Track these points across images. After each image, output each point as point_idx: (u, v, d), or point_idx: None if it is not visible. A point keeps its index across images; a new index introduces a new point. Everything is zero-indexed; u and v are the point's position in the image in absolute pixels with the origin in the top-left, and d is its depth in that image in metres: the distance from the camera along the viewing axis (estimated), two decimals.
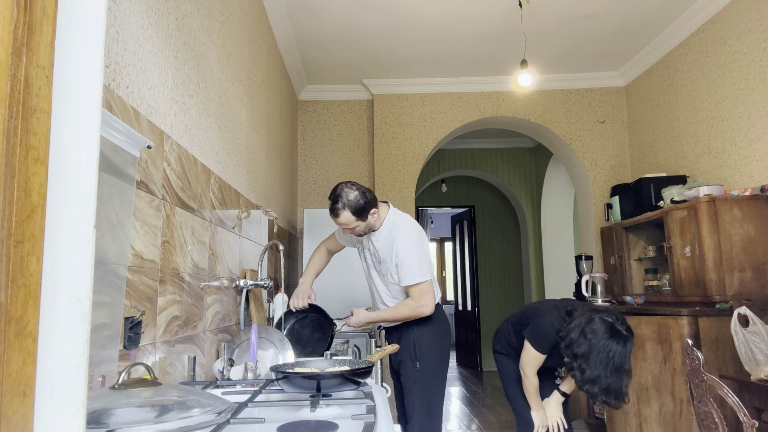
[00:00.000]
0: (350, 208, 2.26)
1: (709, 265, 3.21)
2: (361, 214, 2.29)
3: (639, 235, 4.26)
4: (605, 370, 2.06)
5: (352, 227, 2.32)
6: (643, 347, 3.31)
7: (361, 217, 2.30)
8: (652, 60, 4.50)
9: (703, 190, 3.36)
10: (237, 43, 2.63)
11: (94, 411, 0.87)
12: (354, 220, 2.29)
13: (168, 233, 1.59)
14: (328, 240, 2.72)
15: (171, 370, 1.61)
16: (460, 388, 6.35)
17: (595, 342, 2.07)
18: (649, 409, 3.25)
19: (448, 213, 10.29)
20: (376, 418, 1.20)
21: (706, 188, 3.37)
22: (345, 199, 2.27)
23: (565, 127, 5.01)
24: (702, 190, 3.36)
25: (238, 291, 2.42)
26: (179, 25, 1.79)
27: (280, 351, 1.96)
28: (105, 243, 1.14)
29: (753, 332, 2.51)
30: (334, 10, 3.75)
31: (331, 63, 4.64)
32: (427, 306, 2.31)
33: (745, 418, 1.73)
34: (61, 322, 0.53)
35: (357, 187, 2.31)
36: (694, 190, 3.43)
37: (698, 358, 1.94)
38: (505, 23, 3.95)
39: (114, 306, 1.18)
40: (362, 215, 2.29)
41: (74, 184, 0.55)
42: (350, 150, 5.15)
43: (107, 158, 1.15)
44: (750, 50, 3.38)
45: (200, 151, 1.98)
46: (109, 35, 1.27)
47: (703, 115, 3.86)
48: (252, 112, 2.97)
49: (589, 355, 2.07)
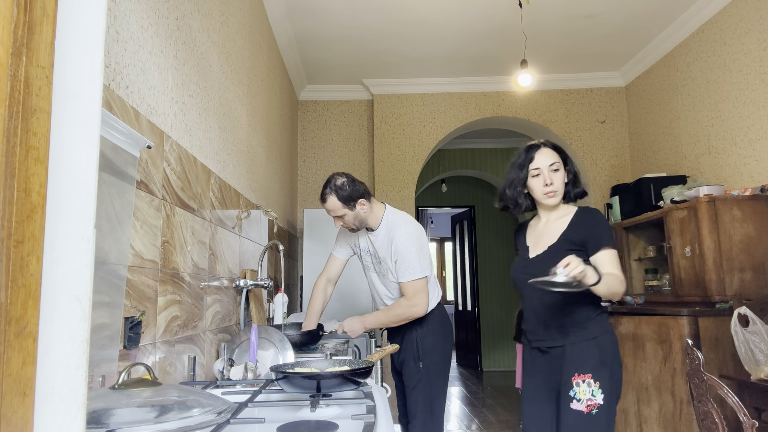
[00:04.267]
0: (336, 193, 2.28)
1: (709, 265, 3.21)
2: (348, 202, 2.30)
3: (639, 235, 4.26)
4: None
5: (340, 215, 2.33)
6: (643, 347, 3.31)
7: (348, 204, 2.30)
8: (652, 60, 4.50)
9: (703, 190, 3.36)
10: (237, 43, 2.63)
11: (94, 411, 0.87)
12: (341, 207, 2.30)
13: (168, 233, 1.59)
14: (326, 266, 2.63)
15: (171, 370, 1.61)
16: (460, 388, 6.35)
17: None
18: (649, 409, 3.25)
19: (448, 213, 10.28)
20: (376, 418, 1.20)
21: (706, 188, 3.37)
22: (333, 185, 2.30)
23: (565, 127, 5.01)
24: (702, 190, 3.37)
25: (238, 291, 2.42)
26: (179, 25, 1.79)
27: (280, 351, 1.96)
28: (105, 243, 1.14)
29: (753, 332, 2.51)
30: (334, 10, 3.75)
31: (331, 63, 4.64)
32: (420, 305, 2.29)
33: (745, 418, 1.73)
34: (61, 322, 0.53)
35: (348, 175, 2.34)
36: (694, 190, 3.43)
37: (698, 358, 1.94)
38: (505, 23, 3.94)
39: (114, 306, 1.18)
40: (349, 203, 2.30)
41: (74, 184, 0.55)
42: (350, 150, 5.15)
43: (107, 158, 1.15)
44: (750, 50, 3.38)
45: (200, 151, 1.98)
46: (109, 35, 1.27)
47: (703, 115, 3.86)
48: (252, 112, 2.97)
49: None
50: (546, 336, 1.92)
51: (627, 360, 3.44)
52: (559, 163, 1.96)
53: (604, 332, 1.89)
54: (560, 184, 1.96)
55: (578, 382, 1.79)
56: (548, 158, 1.97)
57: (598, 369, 1.79)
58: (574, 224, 1.93)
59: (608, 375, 1.80)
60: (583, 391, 1.78)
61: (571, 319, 1.89)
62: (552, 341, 1.91)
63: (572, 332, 1.88)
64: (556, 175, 1.96)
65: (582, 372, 1.80)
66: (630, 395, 3.41)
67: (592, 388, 1.78)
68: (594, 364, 1.80)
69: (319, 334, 2.50)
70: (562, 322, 1.89)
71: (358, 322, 2.38)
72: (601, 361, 1.81)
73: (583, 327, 1.87)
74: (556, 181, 1.95)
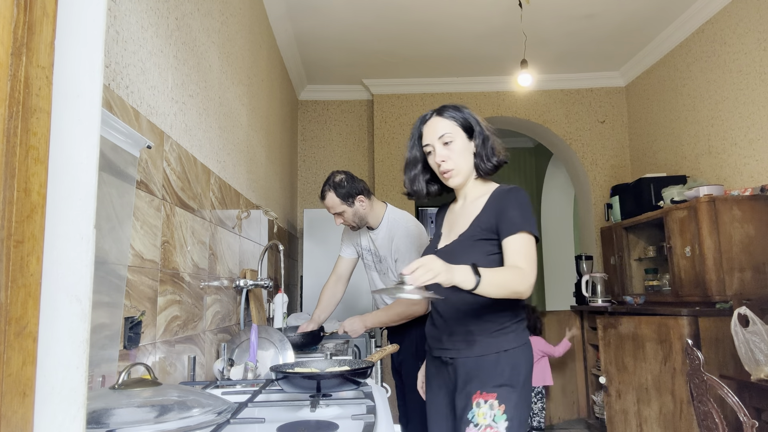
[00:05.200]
0: (335, 189, 2.30)
1: (709, 265, 3.21)
2: (346, 199, 2.31)
3: (639, 235, 4.26)
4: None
5: (339, 211, 2.34)
6: (643, 347, 3.31)
7: (346, 201, 2.31)
8: (652, 60, 4.50)
9: (703, 190, 3.36)
10: (237, 43, 2.63)
11: (94, 411, 0.87)
12: (339, 203, 2.32)
13: (168, 233, 1.59)
14: (335, 266, 2.66)
15: (171, 370, 1.61)
16: None
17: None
18: (649, 409, 3.25)
19: None
20: (376, 418, 1.20)
21: (706, 188, 3.37)
22: (331, 181, 2.32)
23: (565, 127, 5.01)
24: (702, 190, 3.37)
25: (238, 291, 2.42)
26: (179, 25, 1.79)
27: (280, 351, 1.95)
28: (105, 243, 1.14)
29: (753, 332, 2.51)
30: (334, 10, 3.75)
31: (331, 63, 4.63)
32: (420, 304, 2.29)
33: (745, 418, 1.73)
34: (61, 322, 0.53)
35: (347, 173, 2.36)
36: (694, 190, 3.43)
37: (698, 358, 1.94)
38: (505, 23, 3.94)
39: (114, 306, 1.18)
40: (348, 199, 2.31)
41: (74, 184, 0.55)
42: (350, 150, 5.15)
43: (107, 158, 1.15)
44: (750, 50, 3.38)
45: (200, 151, 1.98)
46: (109, 35, 1.27)
47: (703, 115, 3.85)
48: (252, 112, 2.96)
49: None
50: (450, 345, 1.57)
51: (627, 360, 3.44)
52: (451, 134, 1.57)
53: (520, 346, 1.52)
54: (459, 159, 1.58)
55: (479, 402, 1.45)
56: (436, 129, 1.59)
57: (505, 390, 1.46)
58: (488, 207, 1.56)
59: (516, 399, 1.46)
60: (483, 414, 1.43)
61: (480, 326, 1.53)
62: (455, 352, 1.55)
63: (480, 342, 1.52)
64: (451, 149, 1.57)
65: (485, 390, 1.46)
66: (630, 395, 3.41)
67: (494, 412, 1.43)
68: (501, 382, 1.46)
69: (320, 335, 2.51)
70: (469, 329, 1.54)
71: (359, 321, 2.39)
72: (510, 381, 1.46)
73: (495, 337, 1.52)
74: (452, 156, 1.57)
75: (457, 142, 1.58)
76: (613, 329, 3.55)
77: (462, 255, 1.48)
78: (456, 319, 1.56)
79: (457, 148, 1.58)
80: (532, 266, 1.44)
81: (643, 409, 3.30)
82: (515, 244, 1.47)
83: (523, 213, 1.50)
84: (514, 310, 1.54)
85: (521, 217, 1.49)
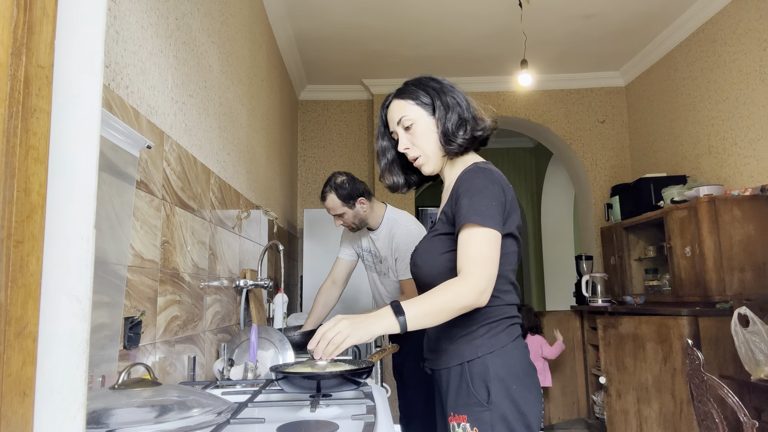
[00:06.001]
0: (336, 191, 2.30)
1: (709, 265, 3.21)
2: (347, 200, 2.31)
3: (639, 235, 4.26)
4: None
5: (339, 213, 2.34)
6: (643, 347, 3.31)
7: (347, 203, 2.31)
8: (652, 60, 4.50)
9: (703, 190, 3.36)
10: (237, 43, 2.63)
11: (94, 411, 0.87)
12: (340, 205, 2.32)
13: (168, 233, 1.59)
14: (332, 269, 2.64)
15: (171, 370, 1.61)
16: None
17: None
18: (649, 409, 3.25)
19: None
20: (376, 418, 1.20)
21: (706, 188, 3.37)
22: (332, 183, 2.32)
23: (565, 127, 5.01)
24: (702, 190, 3.37)
25: (238, 291, 2.42)
26: (179, 25, 1.79)
27: (280, 351, 1.95)
28: (105, 243, 1.14)
29: (753, 332, 2.51)
30: (334, 10, 3.75)
31: (331, 63, 4.63)
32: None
33: (745, 418, 1.73)
34: (61, 322, 0.53)
35: (348, 174, 2.35)
36: (694, 190, 3.43)
37: (698, 358, 1.94)
38: (505, 23, 3.94)
39: (114, 306, 1.18)
40: (348, 201, 2.31)
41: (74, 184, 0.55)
42: (350, 150, 5.15)
43: (107, 158, 1.15)
44: (750, 50, 3.38)
45: (200, 151, 1.98)
46: (109, 35, 1.27)
47: (703, 115, 3.85)
48: (252, 112, 2.96)
49: None
50: (427, 353, 1.42)
51: (627, 360, 3.44)
52: (410, 116, 1.36)
53: (493, 351, 1.25)
54: (423, 143, 1.36)
55: (454, 425, 1.24)
56: (395, 114, 1.39)
57: (475, 410, 1.21)
58: (452, 194, 1.33)
59: (490, 419, 1.20)
60: None
61: (446, 332, 1.32)
62: (430, 362, 1.40)
63: (445, 352, 1.31)
64: (413, 133, 1.36)
65: (457, 412, 1.24)
66: (630, 395, 3.41)
67: None
68: (469, 401, 1.23)
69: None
70: (438, 336, 1.36)
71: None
72: (480, 397, 1.22)
73: (457, 344, 1.28)
74: (415, 140, 1.36)
75: (420, 124, 1.36)
76: (613, 329, 3.55)
77: (423, 255, 1.33)
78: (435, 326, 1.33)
79: (419, 131, 1.35)
80: (478, 267, 1.16)
81: (643, 409, 3.30)
82: (461, 241, 1.21)
83: (473, 201, 1.22)
84: (487, 310, 1.26)
85: (469, 207, 1.22)
